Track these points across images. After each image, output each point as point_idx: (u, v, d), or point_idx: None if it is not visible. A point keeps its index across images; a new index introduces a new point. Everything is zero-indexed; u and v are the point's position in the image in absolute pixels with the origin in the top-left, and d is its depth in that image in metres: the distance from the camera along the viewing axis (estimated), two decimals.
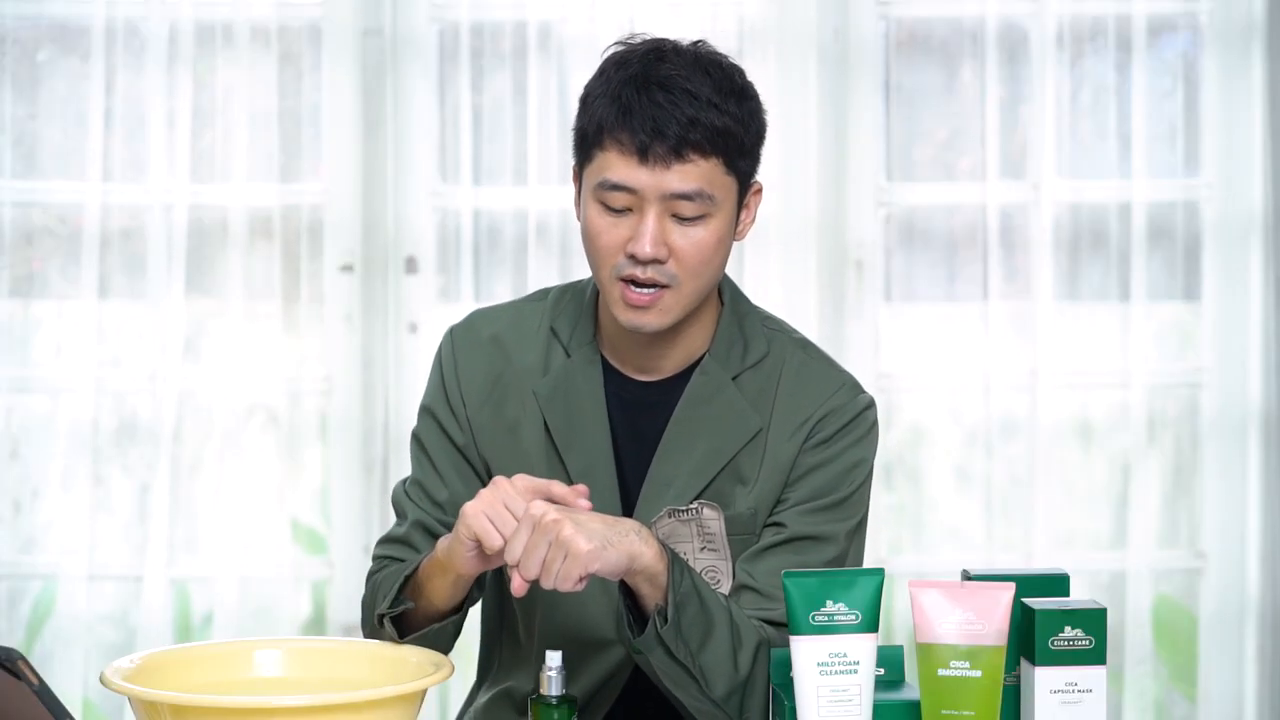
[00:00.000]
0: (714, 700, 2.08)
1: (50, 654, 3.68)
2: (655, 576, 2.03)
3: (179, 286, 3.68)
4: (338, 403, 3.71)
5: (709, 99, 2.13)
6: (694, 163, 2.12)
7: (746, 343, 2.25)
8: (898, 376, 3.76)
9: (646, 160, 2.11)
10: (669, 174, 2.11)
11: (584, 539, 1.97)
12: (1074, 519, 3.78)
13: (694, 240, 2.14)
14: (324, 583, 3.74)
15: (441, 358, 2.31)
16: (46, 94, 3.73)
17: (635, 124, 2.11)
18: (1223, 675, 3.77)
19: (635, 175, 2.12)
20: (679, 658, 2.05)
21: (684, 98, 2.12)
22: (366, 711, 1.77)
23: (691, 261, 2.14)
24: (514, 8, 3.71)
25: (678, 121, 2.11)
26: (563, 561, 1.97)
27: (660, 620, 2.04)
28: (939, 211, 3.78)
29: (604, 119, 2.14)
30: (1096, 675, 1.90)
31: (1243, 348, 3.75)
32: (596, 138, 2.15)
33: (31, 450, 3.74)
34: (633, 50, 2.19)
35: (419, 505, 2.29)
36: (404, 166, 3.71)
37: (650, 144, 2.11)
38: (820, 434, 2.22)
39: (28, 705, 1.66)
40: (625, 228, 2.13)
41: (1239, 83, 3.73)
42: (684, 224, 2.14)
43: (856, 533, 2.24)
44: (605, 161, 2.14)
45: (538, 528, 1.98)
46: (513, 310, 2.33)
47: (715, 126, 2.13)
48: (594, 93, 2.18)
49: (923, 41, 3.78)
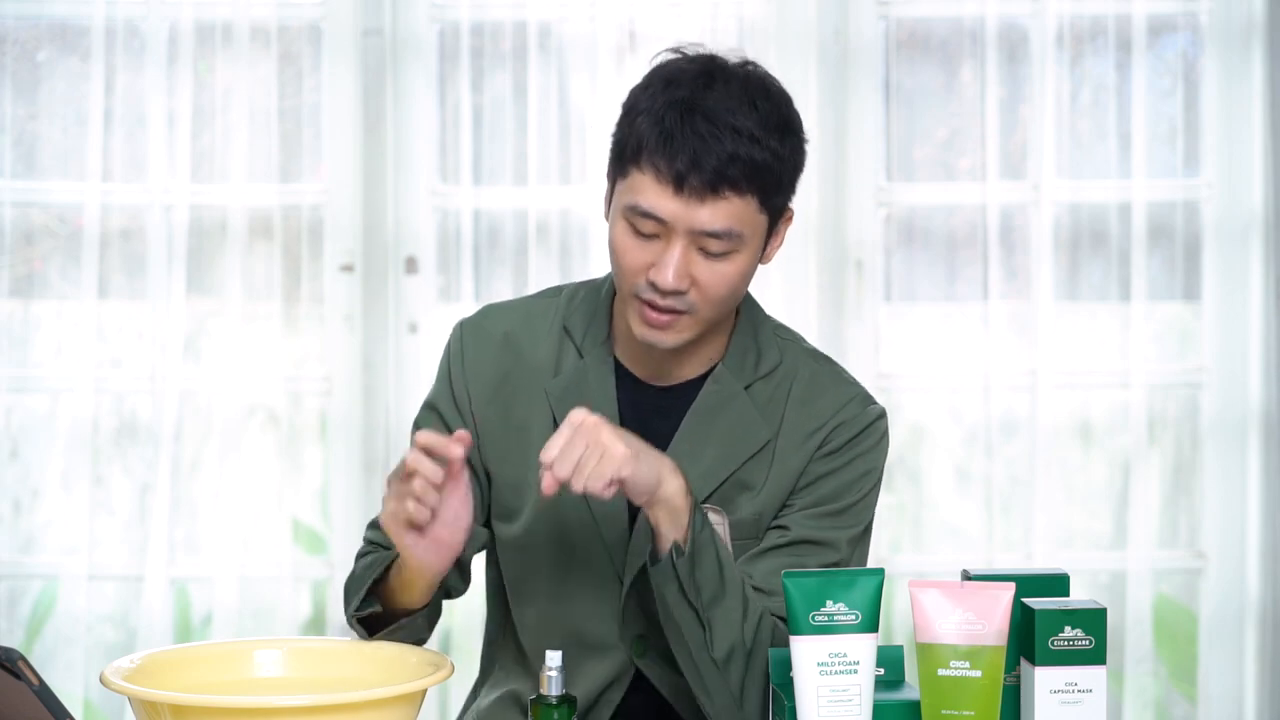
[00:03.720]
0: (714, 659, 2.09)
1: (50, 654, 3.68)
2: (677, 512, 2.05)
3: (179, 286, 3.68)
4: (338, 403, 3.71)
5: (752, 133, 2.09)
6: (727, 199, 2.09)
7: (760, 352, 2.24)
8: (898, 376, 3.76)
9: (681, 191, 2.08)
10: (701, 209, 2.08)
11: (622, 444, 2.00)
12: (1074, 519, 3.78)
13: (718, 274, 2.12)
14: (324, 583, 3.74)
15: (450, 353, 2.30)
16: (46, 94, 3.73)
17: (674, 151, 2.07)
18: (1223, 675, 3.77)
19: (667, 205, 2.09)
20: (689, 597, 2.06)
21: (727, 132, 2.08)
22: (366, 711, 1.77)
23: (713, 294, 2.13)
24: (514, 8, 3.71)
25: (717, 156, 2.07)
26: (598, 461, 1.99)
27: (677, 553, 2.05)
28: (939, 211, 3.78)
29: (644, 138, 2.10)
30: (1096, 675, 1.90)
31: (1243, 348, 3.75)
32: (634, 156, 2.11)
33: (31, 450, 3.74)
34: (683, 70, 2.13)
35: None
36: (404, 166, 3.71)
37: (687, 175, 2.07)
38: (831, 444, 2.22)
39: (28, 705, 1.66)
40: (650, 252, 2.11)
41: (1239, 83, 3.73)
42: (710, 259, 2.12)
43: (860, 540, 2.24)
44: (639, 184, 2.10)
45: (579, 431, 2.00)
46: (525, 306, 2.31)
47: (755, 163, 2.09)
48: (638, 106, 2.13)
49: (923, 41, 3.78)
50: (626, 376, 2.25)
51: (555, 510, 2.22)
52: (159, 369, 3.67)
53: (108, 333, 3.73)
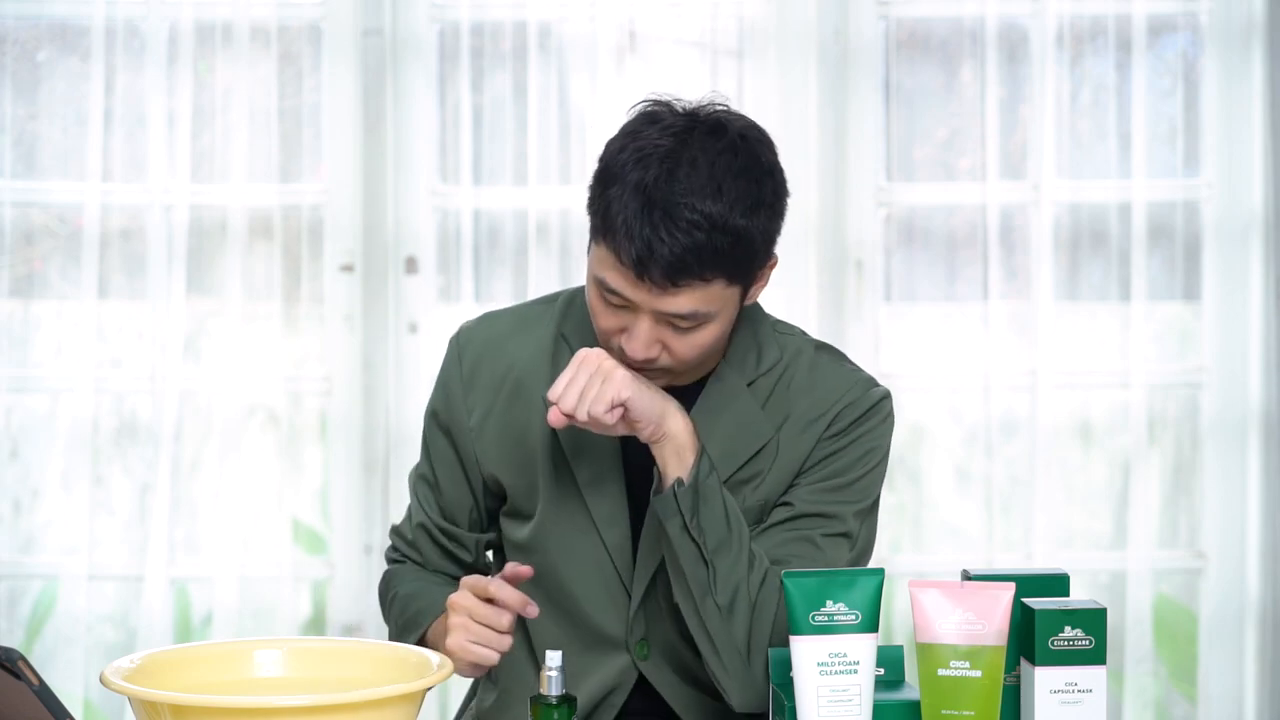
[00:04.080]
0: (718, 604, 2.09)
1: (50, 654, 3.68)
2: (683, 450, 2.09)
3: (179, 286, 3.68)
4: (338, 403, 3.71)
5: (714, 221, 2.05)
6: (690, 286, 2.07)
7: (760, 350, 2.24)
8: (898, 376, 3.75)
9: (642, 281, 2.06)
10: (664, 296, 2.07)
11: (625, 373, 2.06)
12: (1074, 519, 3.78)
13: (690, 343, 2.12)
14: (324, 583, 3.74)
15: (447, 363, 2.31)
16: (46, 94, 3.73)
17: (633, 246, 2.04)
18: (1223, 675, 3.77)
19: (629, 290, 2.08)
20: (693, 534, 2.07)
21: (684, 226, 2.04)
22: (366, 711, 1.77)
23: (686, 358, 2.13)
24: (514, 8, 3.71)
25: (671, 250, 2.03)
26: (600, 386, 2.05)
27: (679, 484, 2.08)
28: (939, 211, 3.78)
29: (608, 218, 2.07)
30: (1096, 675, 1.90)
31: (1243, 348, 3.75)
32: (600, 230, 2.09)
33: (31, 450, 3.74)
34: (656, 144, 2.08)
35: (425, 507, 2.32)
36: (404, 166, 3.71)
37: (646, 268, 2.05)
38: (836, 427, 2.22)
39: (28, 705, 1.66)
40: (622, 319, 2.11)
41: (1239, 83, 3.73)
42: (679, 332, 2.11)
43: (868, 516, 2.25)
44: (605, 259, 2.09)
45: (582, 364, 2.06)
46: (521, 314, 2.32)
47: (716, 250, 2.05)
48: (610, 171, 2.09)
49: (923, 41, 3.78)
50: None
51: (560, 515, 2.23)
52: (159, 369, 3.67)
53: (108, 333, 3.73)
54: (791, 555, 2.17)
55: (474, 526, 2.31)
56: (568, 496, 2.22)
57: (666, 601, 2.20)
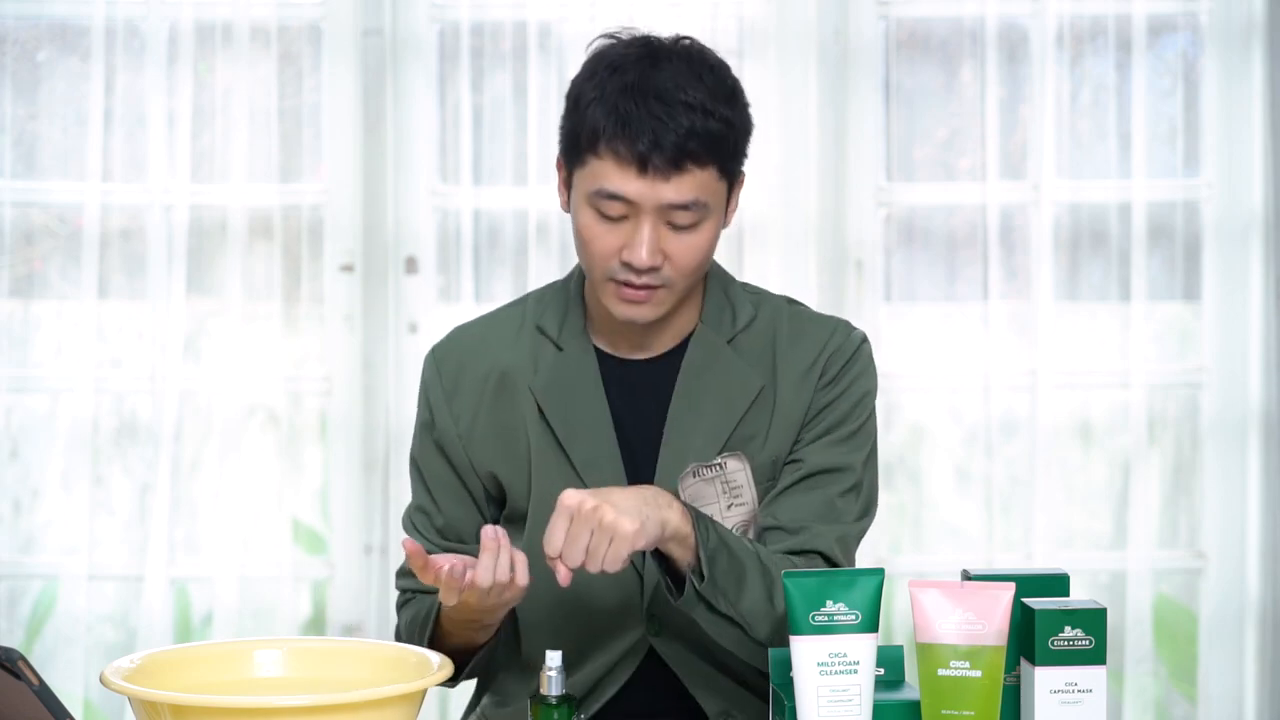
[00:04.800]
0: (759, 642, 2.14)
1: (50, 654, 3.68)
2: (685, 538, 2.09)
3: (179, 286, 3.67)
4: (338, 403, 3.71)
5: (704, 106, 2.15)
6: (690, 173, 2.14)
7: (734, 308, 2.29)
8: (898, 376, 3.76)
9: (645, 172, 2.13)
10: (666, 186, 2.13)
11: (627, 520, 2.02)
12: (1074, 519, 3.78)
13: (689, 245, 2.17)
14: (324, 583, 3.74)
15: (426, 380, 2.34)
16: (46, 94, 3.73)
17: (634, 135, 2.12)
18: (1223, 675, 3.77)
19: (632, 186, 2.14)
20: (720, 609, 2.11)
21: (681, 109, 2.13)
22: (366, 711, 1.77)
23: (686, 265, 2.18)
24: (514, 8, 3.71)
25: (676, 133, 2.12)
26: (608, 545, 2.02)
27: (697, 579, 2.10)
28: (939, 211, 3.78)
29: (600, 127, 2.14)
30: (1096, 675, 1.90)
31: (1243, 348, 3.75)
32: (591, 144, 2.15)
33: (31, 450, 3.74)
34: (625, 55, 2.19)
35: (424, 535, 2.33)
36: (404, 166, 3.71)
37: (649, 156, 2.12)
38: (828, 374, 2.27)
39: (28, 705, 1.66)
40: (620, 234, 2.16)
41: (1239, 83, 3.73)
42: (679, 231, 2.16)
43: (869, 461, 2.29)
44: (601, 170, 2.15)
45: (577, 517, 2.02)
46: (491, 319, 2.36)
47: (711, 134, 2.14)
48: (586, 96, 2.18)
49: (923, 41, 3.78)
50: (609, 359, 2.28)
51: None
52: (159, 369, 3.67)
53: (108, 333, 3.73)
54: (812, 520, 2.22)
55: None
56: (566, 481, 2.24)
57: None
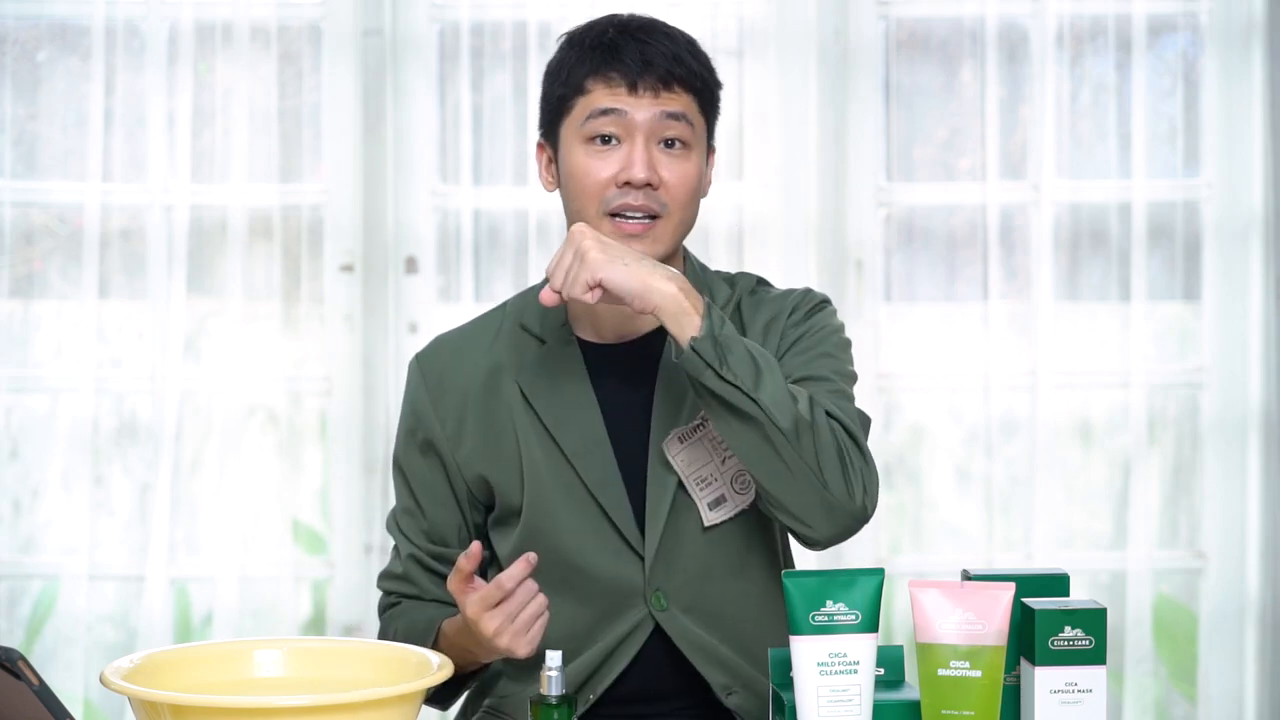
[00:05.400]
0: (782, 430, 2.11)
1: (50, 654, 3.68)
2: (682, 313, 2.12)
3: (179, 286, 3.68)
4: (338, 403, 3.71)
5: (684, 47, 2.27)
6: (677, 94, 2.24)
7: (711, 290, 2.33)
8: (898, 376, 3.76)
9: (635, 90, 2.23)
10: (656, 101, 2.23)
11: (598, 251, 2.11)
12: (1074, 519, 3.78)
13: (679, 172, 2.24)
14: (324, 583, 3.74)
15: (412, 385, 2.37)
16: (46, 94, 3.73)
17: (625, 59, 2.23)
18: (1223, 675, 3.77)
19: (627, 101, 2.23)
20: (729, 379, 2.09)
21: (664, 39, 2.26)
22: (366, 711, 1.77)
23: (679, 192, 2.24)
24: (514, 8, 3.71)
25: (664, 56, 2.24)
26: (578, 268, 2.11)
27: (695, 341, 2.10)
28: (939, 211, 3.78)
29: (587, 68, 2.24)
30: (1096, 675, 1.91)
31: (1243, 348, 3.75)
32: (578, 87, 2.25)
33: (31, 450, 3.74)
34: (594, 23, 2.29)
35: (410, 539, 2.36)
36: (404, 166, 3.71)
37: (640, 75, 2.23)
38: (795, 317, 2.31)
39: (28, 705, 1.66)
40: (614, 161, 2.23)
41: (1239, 83, 3.73)
42: (670, 153, 2.24)
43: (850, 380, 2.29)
44: (592, 99, 2.24)
45: (568, 242, 2.13)
46: (473, 324, 2.40)
47: (691, 69, 2.26)
48: (564, 61, 2.27)
49: (923, 41, 3.78)
50: (592, 348, 2.31)
51: (554, 491, 2.28)
52: (159, 369, 3.67)
53: (108, 333, 3.73)
54: None
55: (464, 544, 2.34)
56: (558, 470, 2.27)
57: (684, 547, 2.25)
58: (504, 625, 2.11)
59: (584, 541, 2.27)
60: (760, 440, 2.11)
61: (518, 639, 2.12)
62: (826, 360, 2.27)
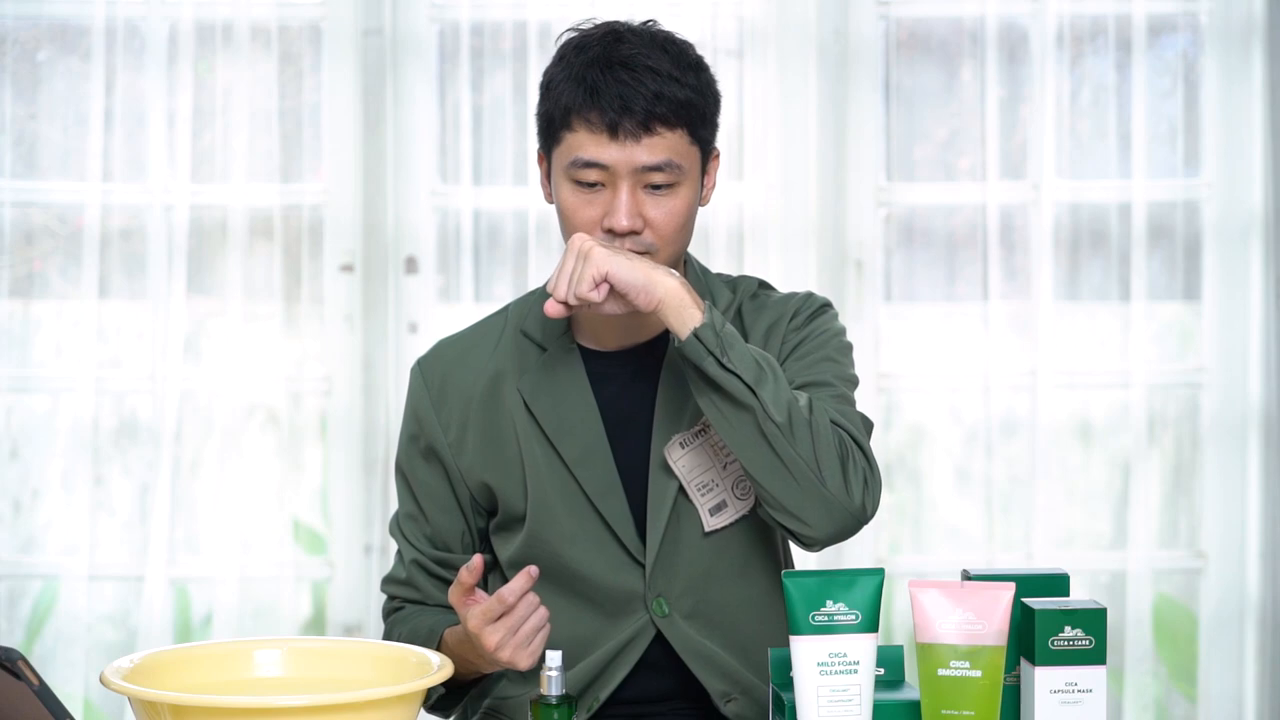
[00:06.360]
0: (777, 423, 2.11)
1: (50, 654, 3.68)
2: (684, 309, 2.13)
3: (179, 286, 3.67)
4: (338, 403, 3.71)
5: (670, 73, 2.21)
6: (661, 135, 2.20)
7: (713, 294, 2.33)
8: (898, 376, 3.76)
9: (617, 136, 2.19)
10: (639, 148, 2.19)
11: (602, 249, 2.13)
12: (1074, 519, 3.78)
13: (667, 210, 2.22)
14: (324, 583, 3.74)
15: (414, 391, 2.37)
16: (46, 94, 3.73)
17: (604, 103, 2.19)
18: (1223, 675, 3.77)
19: (606, 152, 2.19)
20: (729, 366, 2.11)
21: (647, 74, 2.20)
22: (366, 711, 1.77)
23: (666, 230, 2.22)
24: (514, 8, 3.71)
25: (644, 97, 2.19)
26: (582, 268, 2.12)
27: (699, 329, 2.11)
28: (939, 211, 3.78)
29: (570, 102, 2.21)
30: (1096, 675, 1.91)
31: (1243, 348, 3.75)
32: (564, 120, 2.22)
33: (31, 450, 3.74)
34: (589, 35, 2.26)
35: (413, 544, 2.37)
36: (404, 166, 3.71)
37: (619, 120, 2.18)
38: (796, 321, 2.31)
39: (28, 705, 1.66)
40: (599, 205, 2.21)
41: (1239, 83, 3.73)
42: (656, 194, 2.21)
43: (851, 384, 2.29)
44: (575, 141, 2.21)
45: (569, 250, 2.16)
46: (475, 330, 2.39)
47: (678, 99, 2.21)
48: (556, 78, 2.25)
49: (923, 41, 3.78)
50: (593, 355, 2.31)
51: (554, 499, 2.28)
52: (159, 369, 3.67)
53: (108, 333, 3.73)
54: None
55: (467, 550, 2.36)
56: (559, 478, 2.27)
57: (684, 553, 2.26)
58: (505, 639, 2.11)
59: (585, 549, 2.27)
60: (756, 434, 2.11)
61: (519, 652, 2.12)
62: (828, 365, 2.27)
